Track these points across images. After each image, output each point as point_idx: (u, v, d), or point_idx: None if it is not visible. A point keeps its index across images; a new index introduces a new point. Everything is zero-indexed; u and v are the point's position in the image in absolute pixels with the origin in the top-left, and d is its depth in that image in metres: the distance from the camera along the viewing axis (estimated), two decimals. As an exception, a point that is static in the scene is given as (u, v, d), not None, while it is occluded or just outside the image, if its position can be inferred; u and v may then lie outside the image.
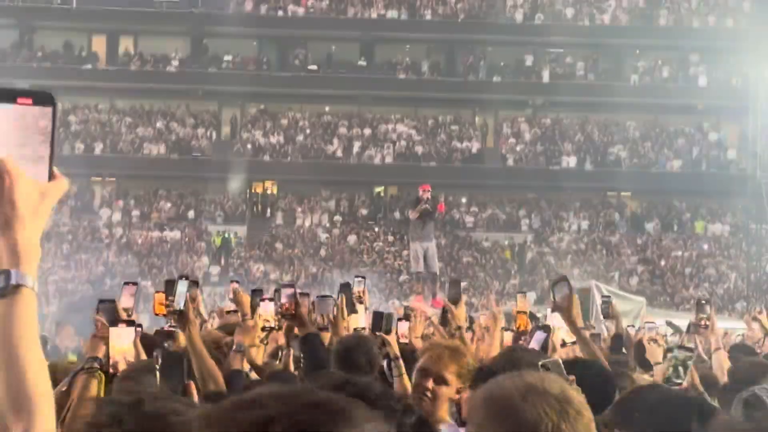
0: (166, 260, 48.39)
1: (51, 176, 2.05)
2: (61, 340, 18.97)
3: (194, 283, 9.23)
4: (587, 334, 7.11)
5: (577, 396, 2.88)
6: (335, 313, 8.41)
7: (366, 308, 11.01)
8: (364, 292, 11.01)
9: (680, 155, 54.44)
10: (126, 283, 8.51)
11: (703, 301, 11.02)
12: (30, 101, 2.05)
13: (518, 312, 9.39)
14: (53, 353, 16.31)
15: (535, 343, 7.12)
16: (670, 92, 54.23)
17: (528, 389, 2.76)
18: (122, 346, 5.56)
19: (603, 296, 13.28)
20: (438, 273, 22.34)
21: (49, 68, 53.62)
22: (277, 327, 8.71)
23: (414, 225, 21.89)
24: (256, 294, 8.97)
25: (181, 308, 6.43)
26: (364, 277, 11.52)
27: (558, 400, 2.75)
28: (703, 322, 10.41)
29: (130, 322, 5.72)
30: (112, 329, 5.60)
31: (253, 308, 8.36)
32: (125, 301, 8.06)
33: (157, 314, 9.90)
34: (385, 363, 6.97)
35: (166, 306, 7.18)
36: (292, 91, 54.55)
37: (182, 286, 6.68)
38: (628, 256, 51.22)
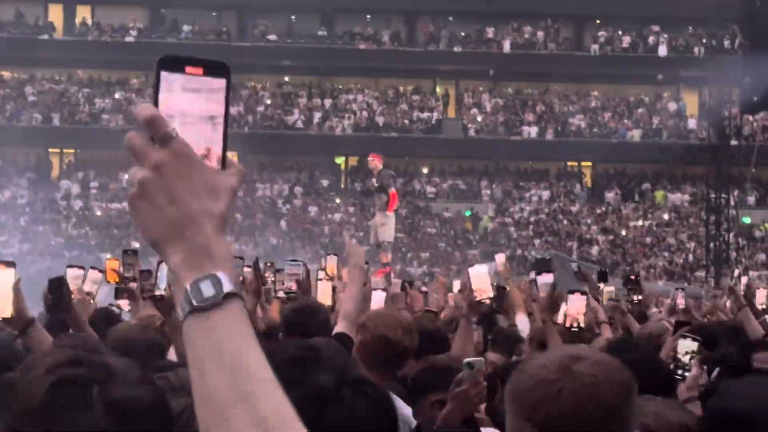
0: (126, 232, 48.04)
1: (224, 163, 1.73)
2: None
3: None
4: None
5: None
6: (304, 277, 8.33)
7: (334, 287, 10.81)
8: (337, 269, 10.73)
9: (640, 125, 54.58)
10: (92, 267, 8.33)
11: (633, 277, 11.14)
12: (200, 71, 1.73)
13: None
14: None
15: None
16: (631, 62, 54.29)
17: None
18: None
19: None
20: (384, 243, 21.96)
21: (4, 38, 53.01)
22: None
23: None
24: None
25: (163, 293, 6.20)
26: (336, 254, 11.20)
27: None
28: (635, 298, 10.49)
29: (10, 263, 5.38)
30: None
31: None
32: (87, 286, 7.91)
33: (108, 281, 9.71)
34: None
35: (149, 290, 6.91)
36: (252, 61, 54.13)
37: (164, 270, 6.39)
38: (589, 225, 51.39)
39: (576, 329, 7.12)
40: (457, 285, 13.67)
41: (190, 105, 1.73)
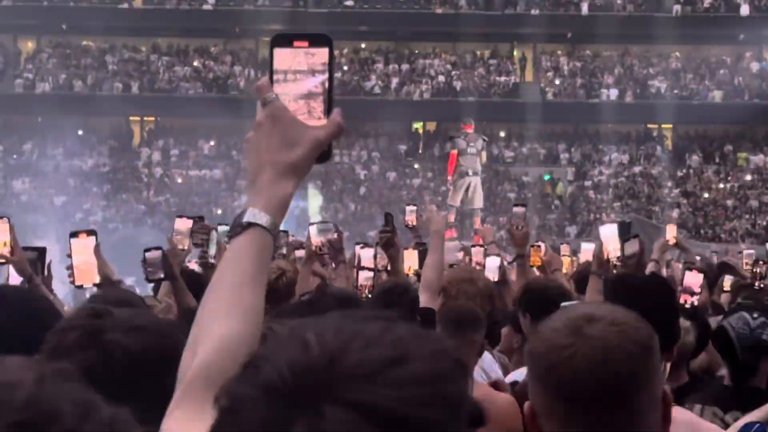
0: (207, 199, 48.51)
1: (328, 115, 2.12)
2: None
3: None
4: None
5: None
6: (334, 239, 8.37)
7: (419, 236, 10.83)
8: (413, 220, 10.69)
9: (722, 86, 53.82)
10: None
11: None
12: (306, 44, 2.13)
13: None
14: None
15: None
16: (712, 22, 53.47)
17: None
18: (84, 257, 5.57)
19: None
20: (478, 208, 22.23)
21: (84, 8, 53.57)
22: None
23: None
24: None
25: (213, 262, 6.54)
26: (416, 205, 11.16)
27: None
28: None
29: (91, 231, 5.73)
30: (73, 240, 5.62)
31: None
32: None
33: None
34: None
35: (200, 257, 7.09)
36: (329, 27, 54.06)
37: (214, 237, 6.73)
38: (670, 188, 50.88)
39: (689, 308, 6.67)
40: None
41: (298, 72, 2.12)
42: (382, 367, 1.33)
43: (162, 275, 6.33)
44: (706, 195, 50.48)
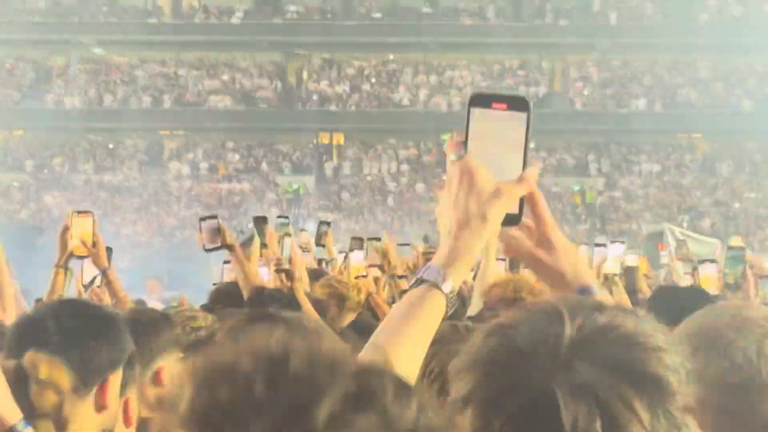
0: (236, 212, 48.62)
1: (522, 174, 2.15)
2: (151, 290, 19.02)
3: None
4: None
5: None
6: (415, 260, 8.41)
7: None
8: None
9: (752, 95, 53.55)
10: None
11: None
12: (504, 106, 2.16)
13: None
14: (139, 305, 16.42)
15: None
16: (742, 31, 53.23)
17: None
18: (81, 232, 5.68)
19: (678, 239, 12.97)
20: None
21: (114, 23, 53.89)
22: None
23: None
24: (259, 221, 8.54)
25: (287, 267, 6.54)
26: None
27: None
28: None
29: (86, 212, 5.78)
30: (74, 216, 5.71)
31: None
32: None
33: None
34: None
35: (276, 264, 7.04)
36: (357, 39, 54.29)
37: (287, 243, 6.75)
38: (700, 198, 50.66)
39: None
40: None
41: (494, 132, 2.14)
42: (616, 331, 1.58)
43: (219, 244, 6.34)
44: (737, 204, 50.23)
